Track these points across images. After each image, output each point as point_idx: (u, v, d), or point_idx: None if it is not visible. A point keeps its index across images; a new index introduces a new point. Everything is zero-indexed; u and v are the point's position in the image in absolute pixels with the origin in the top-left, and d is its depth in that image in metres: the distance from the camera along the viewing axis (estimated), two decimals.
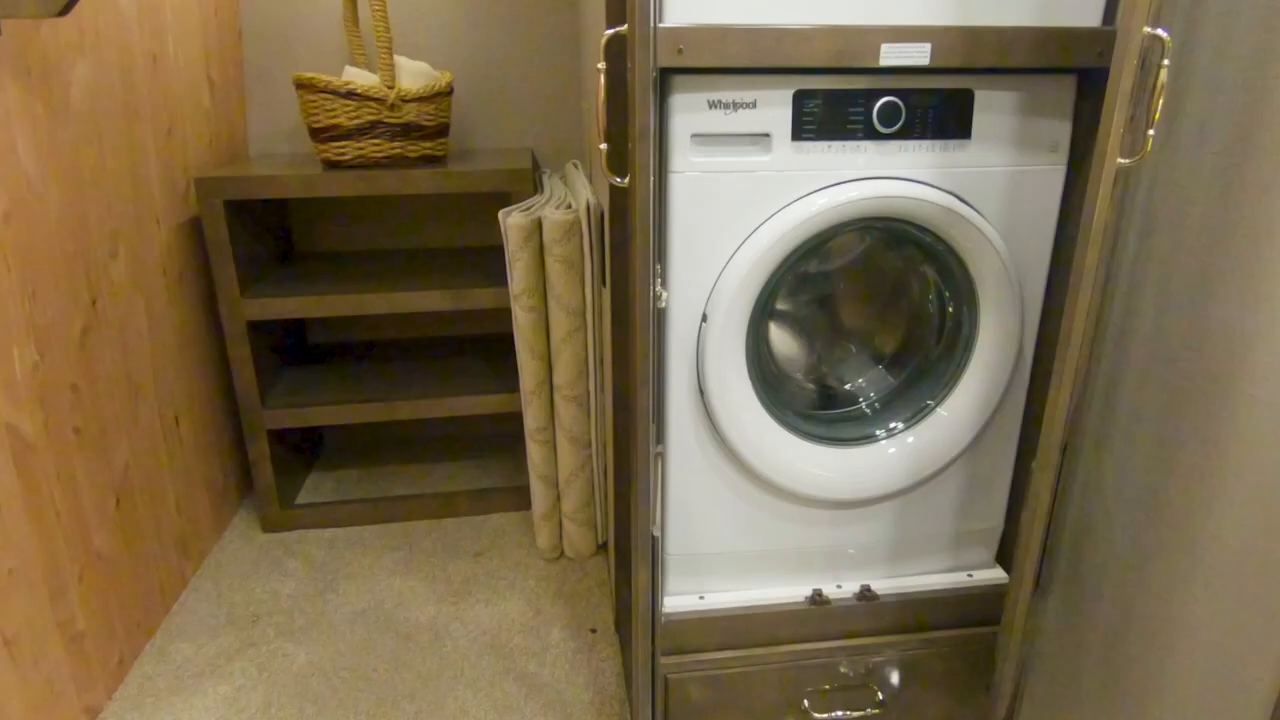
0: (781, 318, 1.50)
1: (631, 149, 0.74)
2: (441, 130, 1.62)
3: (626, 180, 0.77)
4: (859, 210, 1.22)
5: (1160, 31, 0.86)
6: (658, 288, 1.18)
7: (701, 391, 1.30)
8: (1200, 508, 1.09)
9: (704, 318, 1.27)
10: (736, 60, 1.12)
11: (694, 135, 1.18)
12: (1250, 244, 1.00)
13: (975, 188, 1.26)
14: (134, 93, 1.29)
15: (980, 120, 1.22)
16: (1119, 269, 1.25)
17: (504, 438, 2.03)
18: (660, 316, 1.26)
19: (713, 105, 1.17)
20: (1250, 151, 0.99)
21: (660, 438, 1.35)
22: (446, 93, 1.60)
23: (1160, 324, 1.17)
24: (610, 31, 0.76)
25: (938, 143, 1.23)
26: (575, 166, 1.76)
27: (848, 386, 1.49)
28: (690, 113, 1.17)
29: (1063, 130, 1.25)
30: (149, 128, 1.34)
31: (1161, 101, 0.89)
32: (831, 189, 1.22)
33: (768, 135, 1.19)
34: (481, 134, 1.90)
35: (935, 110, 1.21)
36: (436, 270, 1.75)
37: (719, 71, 1.15)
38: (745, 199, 1.21)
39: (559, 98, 1.86)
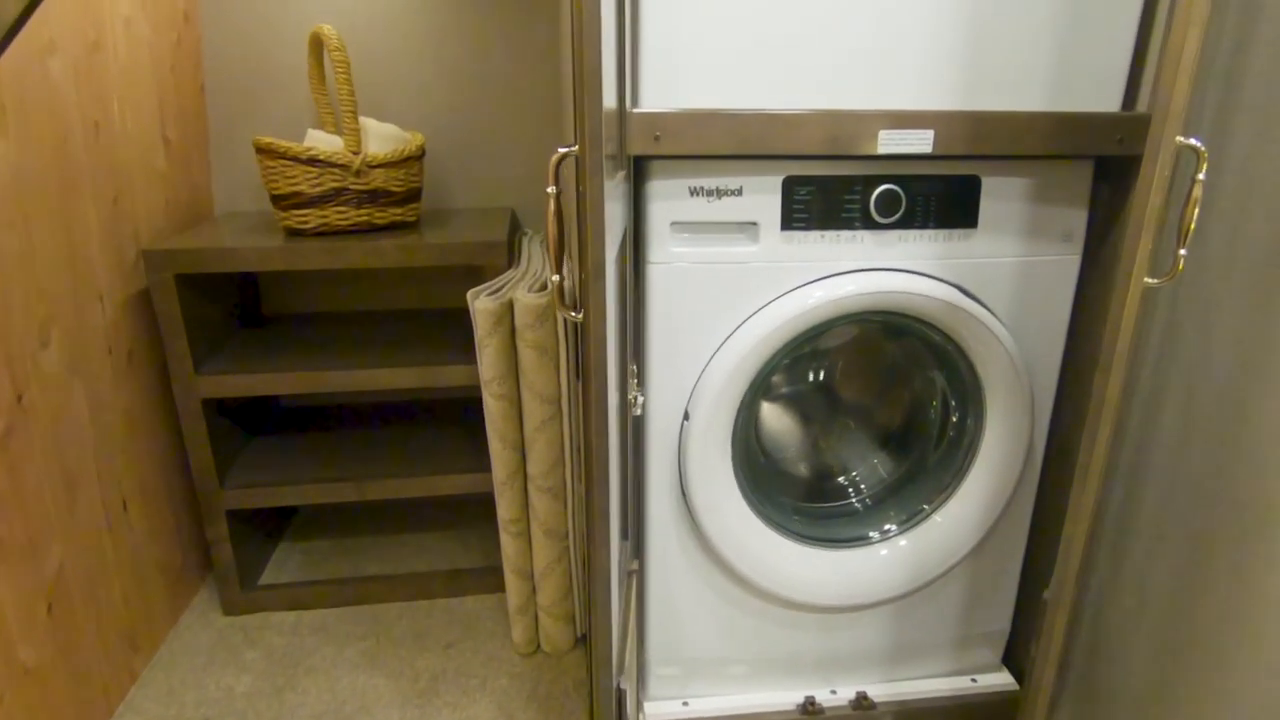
0: (772, 402, 1.40)
1: (585, 286, 0.65)
2: (412, 195, 1.53)
3: (581, 315, 0.67)
4: (853, 306, 1.12)
5: (1195, 142, 0.76)
6: (633, 392, 1.08)
7: (684, 492, 1.20)
8: (1232, 638, 0.98)
9: (686, 416, 1.16)
10: (720, 148, 1.02)
11: (674, 224, 1.08)
12: None
13: (982, 279, 1.15)
14: (70, 166, 1.19)
15: (988, 208, 1.12)
16: (1140, 369, 1.15)
17: (482, 506, 1.92)
18: (637, 422, 1.16)
19: (694, 192, 1.07)
20: None
21: (638, 549, 1.25)
22: (418, 156, 1.50)
23: (1186, 440, 1.06)
24: (562, 151, 0.66)
25: (941, 232, 1.12)
26: None
27: (841, 479, 1.39)
28: (669, 200, 1.07)
29: (1078, 218, 1.15)
30: (90, 200, 1.24)
31: (1196, 215, 0.78)
32: (824, 282, 1.12)
33: (755, 224, 1.09)
34: (460, 192, 1.80)
35: (939, 198, 1.10)
36: (408, 338, 1.65)
37: (701, 156, 1.05)
38: (730, 292, 1.11)
39: (542, 153, 1.77)
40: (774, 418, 1.41)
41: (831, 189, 1.08)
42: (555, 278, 0.70)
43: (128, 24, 1.36)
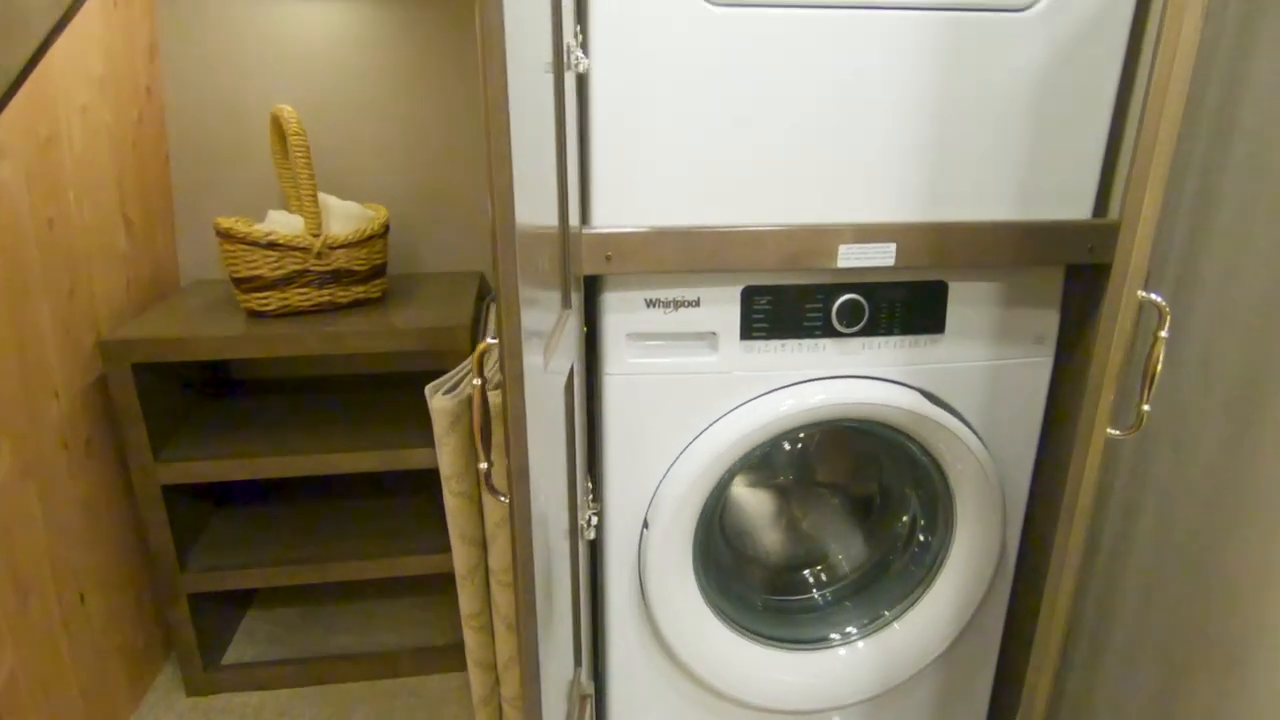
0: (736, 496, 1.37)
1: (509, 486, 0.62)
2: (376, 272, 1.50)
3: (507, 500, 0.64)
4: (815, 417, 1.08)
5: (1155, 298, 0.73)
6: (588, 512, 1.05)
7: (644, 600, 1.16)
8: None
9: (645, 524, 1.13)
10: (674, 266, 0.99)
11: (630, 335, 1.05)
12: (1266, 499, 0.86)
13: (951, 384, 1.12)
14: (21, 268, 1.16)
15: (955, 313, 1.09)
16: (1114, 478, 1.11)
17: (450, 577, 1.89)
18: (596, 530, 1.13)
19: (650, 304, 1.04)
20: (1261, 400, 0.86)
21: (597, 669, 1.22)
22: (381, 234, 1.47)
23: (1160, 561, 1.03)
24: (489, 341, 0.63)
25: (907, 338, 1.09)
26: None
27: (805, 573, 1.35)
28: (625, 312, 1.04)
29: (1050, 320, 1.12)
30: (43, 298, 1.21)
31: (1159, 371, 0.75)
32: (784, 391, 1.08)
33: (714, 334, 1.06)
34: (429, 256, 1.77)
35: (904, 305, 1.07)
36: (375, 411, 1.62)
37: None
38: (689, 402, 1.08)
39: None
40: (739, 509, 1.38)
41: (792, 299, 1.05)
42: (483, 465, 0.67)
43: (84, 112, 1.33)
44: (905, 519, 1.27)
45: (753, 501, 1.39)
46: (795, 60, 0.94)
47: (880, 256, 1.01)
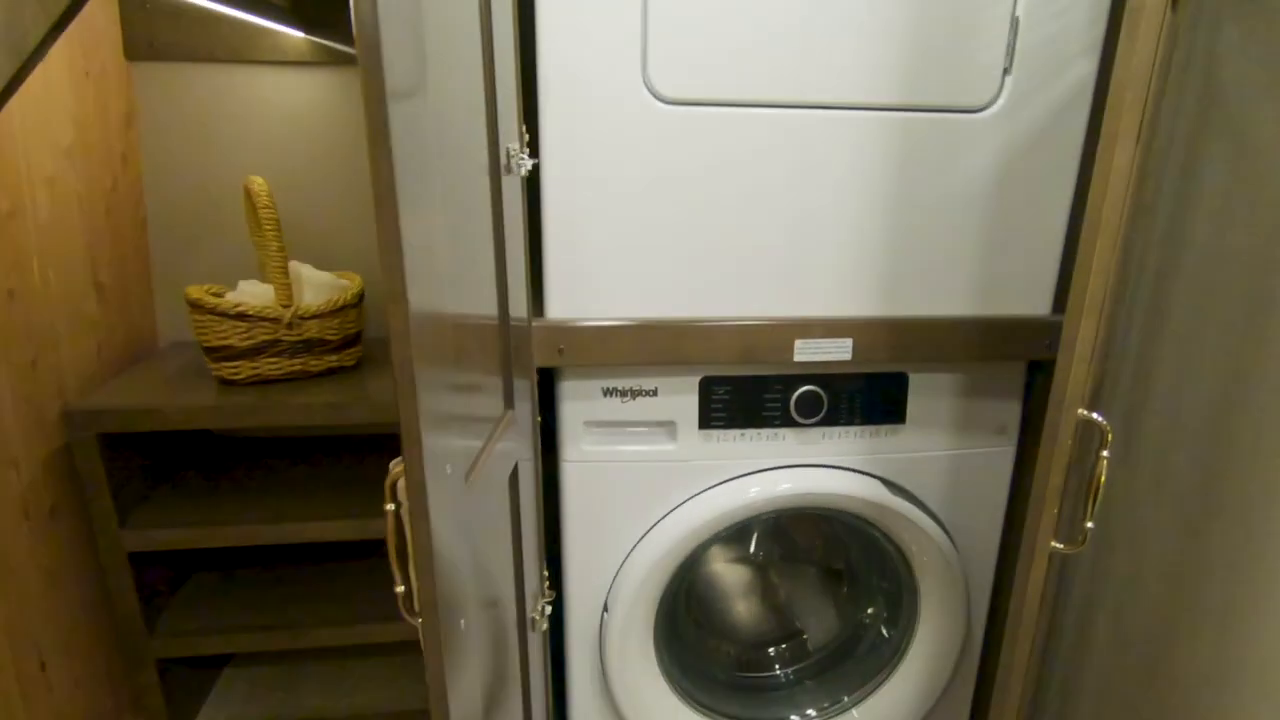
0: (702, 571, 1.36)
1: (420, 615, 0.61)
2: (349, 341, 1.50)
3: (421, 622, 0.63)
4: (774, 506, 1.08)
5: (1097, 417, 0.72)
6: (542, 602, 1.04)
7: (606, 683, 1.15)
8: None
9: (605, 608, 1.12)
10: (628, 359, 0.98)
11: (587, 422, 1.05)
12: (1217, 602, 0.85)
13: (912, 473, 1.11)
14: None
15: (916, 404, 1.08)
16: (1075, 572, 1.10)
17: None
18: (558, 613, 1.12)
19: (608, 393, 1.04)
20: (1211, 507, 0.85)
21: None
22: (354, 304, 1.47)
23: (1118, 659, 1.01)
24: (396, 465, 0.62)
25: (867, 428, 1.08)
26: None
27: (770, 650, 1.34)
28: (581, 400, 1.04)
29: (1012, 411, 1.11)
30: (2, 369, 1.21)
31: (1101, 491, 0.74)
32: (743, 480, 1.08)
33: (672, 423, 1.06)
34: None
35: (863, 396, 1.07)
36: (351, 473, 1.62)
37: None
38: (647, 489, 1.07)
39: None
40: (705, 583, 1.37)
41: (750, 390, 1.04)
42: (399, 589, 0.67)
43: (51, 184, 1.34)
44: (870, 606, 1.26)
45: (719, 576, 1.38)
46: (748, 157, 0.94)
47: (837, 351, 1.00)
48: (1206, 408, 0.84)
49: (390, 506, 0.65)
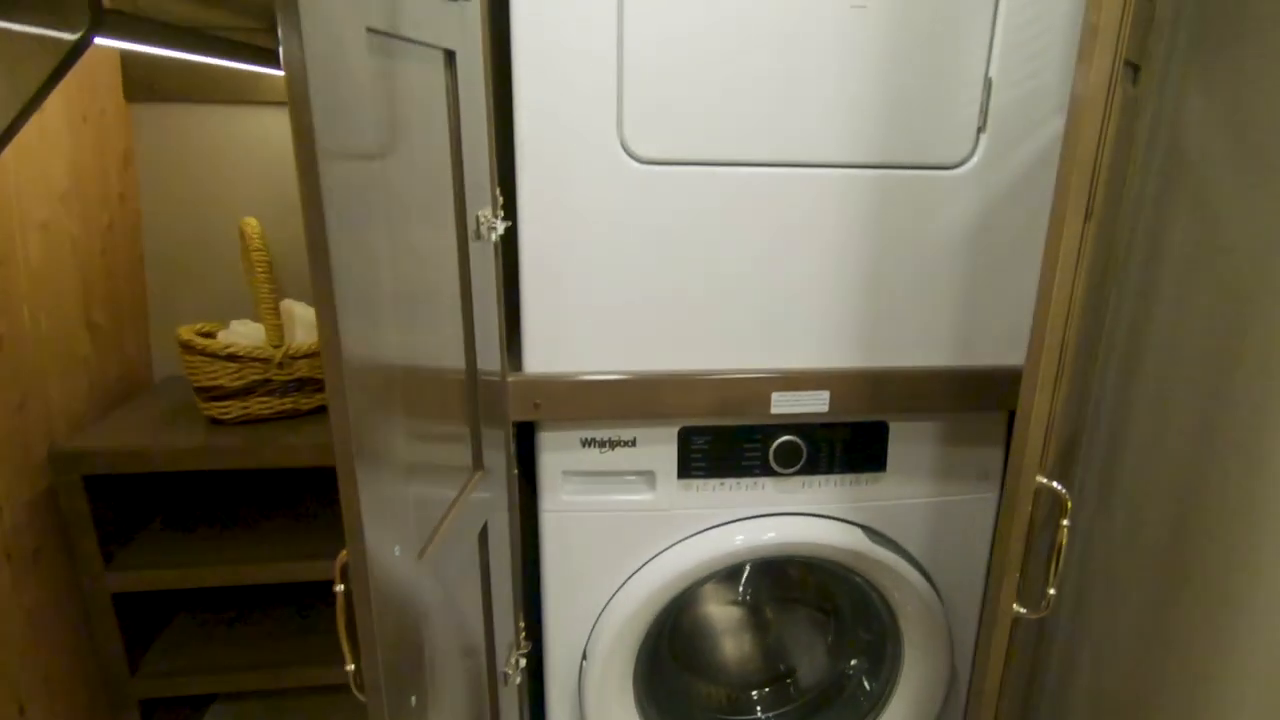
0: (687, 613, 1.35)
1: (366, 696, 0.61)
2: None
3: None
4: (754, 554, 1.08)
5: (1056, 486, 0.72)
6: (515, 655, 1.04)
7: None
8: None
9: (585, 656, 1.12)
10: (604, 414, 0.99)
11: (566, 472, 1.05)
12: (1190, 660, 0.85)
13: (894, 521, 1.11)
14: None
15: (897, 452, 1.08)
16: (1054, 626, 1.09)
17: None
18: (536, 660, 1.11)
19: (586, 443, 1.04)
20: (1182, 571, 0.84)
21: None
22: None
23: (1098, 706, 1.00)
24: (341, 562, 0.62)
25: (848, 476, 1.08)
26: None
27: (753, 693, 1.33)
28: (560, 451, 1.04)
29: (994, 457, 1.11)
30: None
31: (1062, 558, 0.74)
32: (722, 529, 1.08)
33: (651, 472, 1.06)
34: None
35: (844, 444, 1.07)
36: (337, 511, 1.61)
37: None
38: (627, 538, 1.07)
39: None
40: (689, 625, 1.36)
41: (729, 440, 1.05)
42: (349, 667, 0.66)
43: (44, 228, 1.36)
44: (855, 654, 1.25)
45: (703, 616, 1.37)
46: (723, 214, 0.95)
47: (814, 403, 1.01)
48: (1178, 463, 0.84)
49: (339, 588, 0.65)
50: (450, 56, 0.70)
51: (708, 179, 0.94)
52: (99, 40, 0.76)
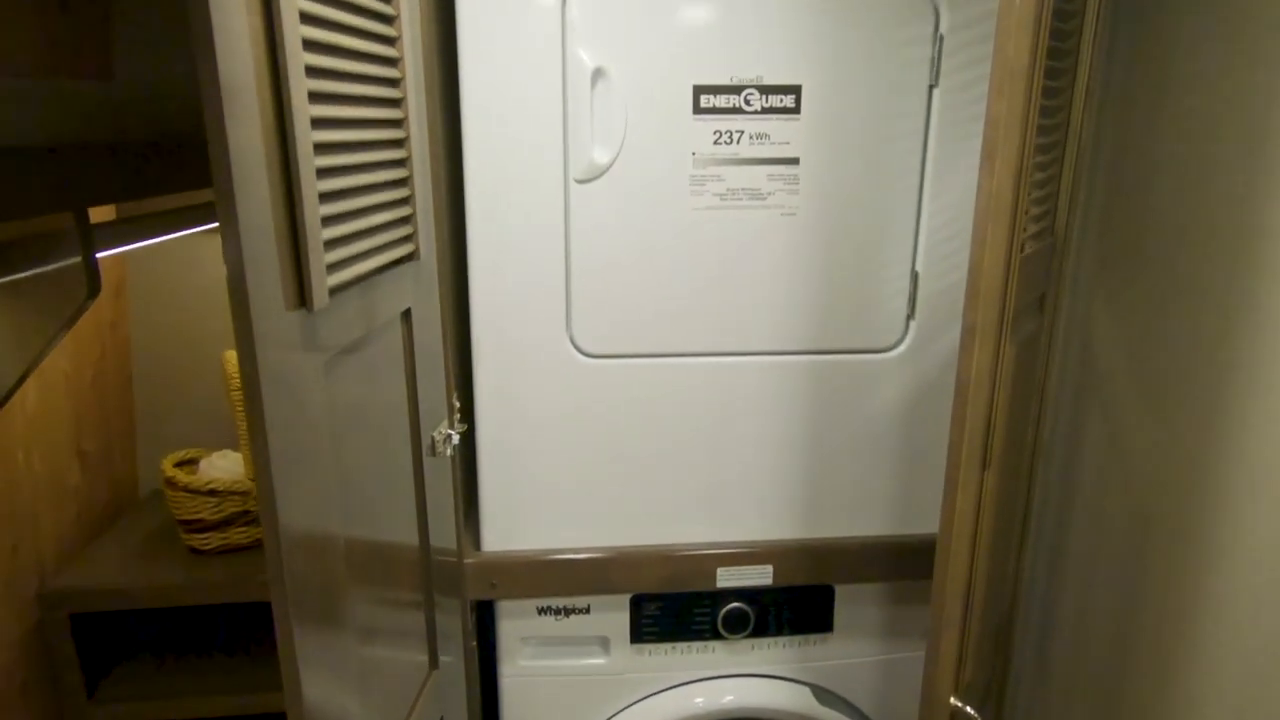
0: None
1: None
2: None
3: None
4: (705, 714, 1.11)
5: (969, 710, 0.76)
6: None
7: None
8: None
9: None
10: (557, 591, 1.04)
11: (523, 638, 1.09)
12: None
13: (842, 679, 1.15)
14: None
15: (843, 613, 1.12)
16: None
17: None
18: None
19: (542, 611, 1.08)
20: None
21: None
22: None
23: None
24: None
25: (796, 638, 1.12)
26: None
27: None
28: (517, 619, 1.08)
29: None
30: None
31: None
32: (674, 691, 1.11)
33: (605, 638, 1.10)
34: None
35: (791, 608, 1.11)
36: None
37: None
38: (583, 700, 1.11)
39: None
40: None
41: (679, 607, 1.09)
42: None
43: (41, 373, 1.42)
44: None
45: None
46: (667, 401, 1.00)
47: (757, 577, 1.05)
48: (1106, 634, 0.88)
49: None
50: (406, 314, 0.76)
51: (652, 369, 0.99)
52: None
